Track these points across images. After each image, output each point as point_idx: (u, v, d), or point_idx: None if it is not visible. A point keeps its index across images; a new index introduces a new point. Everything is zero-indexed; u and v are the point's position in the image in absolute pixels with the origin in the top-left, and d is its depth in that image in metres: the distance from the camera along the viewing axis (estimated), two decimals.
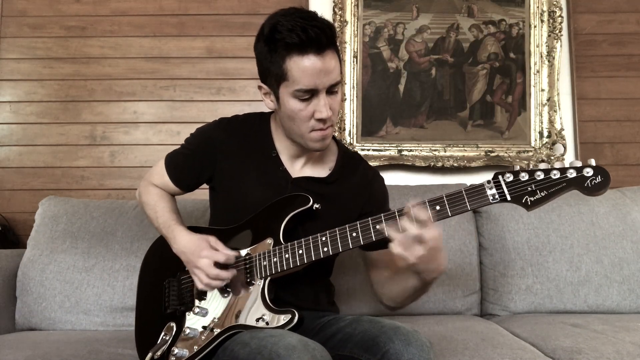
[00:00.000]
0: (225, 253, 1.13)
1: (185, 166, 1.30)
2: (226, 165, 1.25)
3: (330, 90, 1.10)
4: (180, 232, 1.20)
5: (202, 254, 1.12)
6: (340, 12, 2.17)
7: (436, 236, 0.97)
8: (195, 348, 1.11)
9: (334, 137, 1.33)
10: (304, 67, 1.06)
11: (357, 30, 2.19)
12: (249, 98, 2.21)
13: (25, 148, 2.20)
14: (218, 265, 1.12)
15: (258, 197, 1.19)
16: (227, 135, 1.26)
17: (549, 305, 1.68)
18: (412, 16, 2.20)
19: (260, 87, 1.18)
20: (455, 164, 2.12)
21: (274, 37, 1.07)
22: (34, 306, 1.66)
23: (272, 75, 1.11)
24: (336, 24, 2.15)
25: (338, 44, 1.09)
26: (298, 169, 1.25)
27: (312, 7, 2.21)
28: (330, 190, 1.23)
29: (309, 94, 1.09)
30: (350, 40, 2.17)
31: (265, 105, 1.21)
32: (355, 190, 1.26)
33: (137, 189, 1.40)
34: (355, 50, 2.18)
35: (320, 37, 1.05)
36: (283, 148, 1.25)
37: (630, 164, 2.18)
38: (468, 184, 1.00)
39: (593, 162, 0.94)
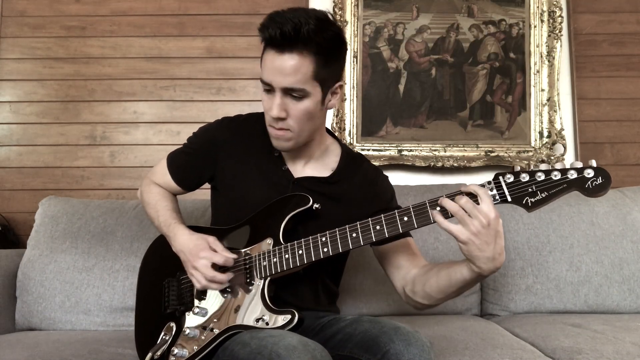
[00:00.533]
0: (223, 255, 1.12)
1: (188, 166, 1.30)
2: (228, 165, 1.25)
3: (290, 93, 1.08)
4: (180, 230, 1.20)
5: (200, 255, 1.12)
6: (340, 12, 2.17)
7: (494, 215, 0.93)
8: (195, 348, 1.11)
9: (337, 139, 1.32)
10: (264, 59, 1.09)
11: (357, 30, 2.19)
12: (249, 98, 2.21)
13: (25, 148, 2.20)
14: (216, 267, 1.12)
15: (260, 197, 1.19)
16: (230, 135, 1.26)
17: (549, 305, 1.68)
18: (412, 16, 2.20)
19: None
20: (455, 164, 2.12)
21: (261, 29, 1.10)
22: (34, 306, 1.66)
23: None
24: None
25: (328, 49, 1.07)
26: (300, 168, 1.25)
27: (312, 7, 2.20)
28: (332, 190, 1.22)
29: (268, 87, 1.10)
30: (350, 40, 2.17)
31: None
32: (359, 190, 1.24)
33: (138, 189, 1.40)
34: (355, 50, 2.18)
35: (278, 37, 1.03)
36: None
37: (630, 164, 2.18)
38: (468, 184, 0.99)
39: (594, 163, 0.93)
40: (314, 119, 1.14)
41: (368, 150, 2.15)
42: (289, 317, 1.05)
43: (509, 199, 0.96)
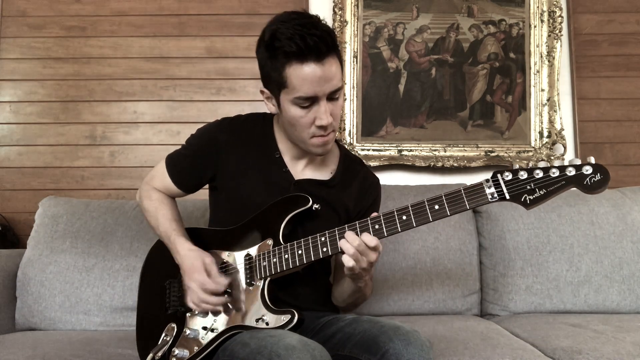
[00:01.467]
0: (216, 282, 1.11)
1: (188, 167, 1.28)
2: (228, 166, 1.24)
3: (331, 96, 1.09)
4: (179, 245, 1.18)
5: (193, 277, 1.12)
6: (340, 12, 2.17)
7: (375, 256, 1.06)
8: (196, 349, 1.11)
9: (336, 140, 1.33)
10: (303, 75, 1.05)
11: (357, 30, 2.19)
12: (249, 98, 2.21)
13: (25, 148, 2.20)
14: (209, 290, 1.11)
15: (260, 198, 1.19)
16: (229, 135, 1.25)
17: (549, 305, 1.68)
18: (412, 16, 2.20)
19: (262, 92, 1.18)
20: (455, 164, 2.12)
21: (273, 45, 1.06)
22: (34, 306, 1.66)
23: (273, 81, 1.11)
24: (336, 24, 2.15)
25: (338, 44, 1.10)
26: (300, 170, 1.25)
27: (312, 7, 2.21)
28: (331, 193, 1.23)
29: (309, 102, 1.08)
30: (350, 40, 2.17)
31: (267, 108, 1.21)
32: (355, 195, 1.26)
33: (137, 190, 1.38)
34: (355, 50, 2.18)
35: (319, 45, 1.03)
36: (286, 149, 1.25)
37: (630, 164, 2.18)
38: (468, 184, 1.00)
39: (592, 159, 0.93)
40: None
41: (368, 150, 2.15)
42: (288, 317, 1.05)
43: (507, 196, 0.96)
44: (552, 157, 2.11)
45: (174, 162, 1.30)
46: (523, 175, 0.96)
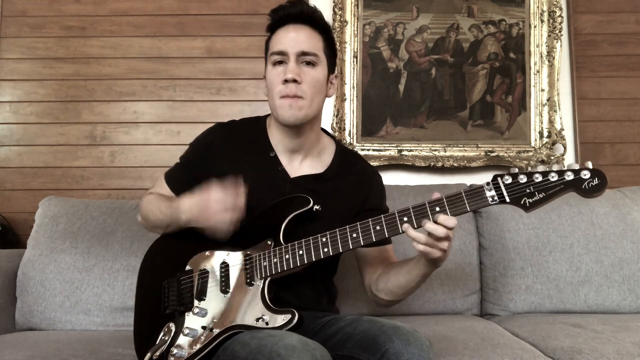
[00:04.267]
0: (232, 194, 1.11)
1: (186, 176, 1.29)
2: (224, 168, 1.25)
3: (304, 60, 1.17)
4: (181, 200, 1.19)
5: (212, 207, 1.11)
6: (340, 12, 2.17)
7: (452, 223, 1.01)
8: (195, 348, 1.11)
9: (332, 137, 1.34)
10: (280, 34, 1.19)
11: (357, 30, 2.19)
12: (249, 98, 2.21)
13: (25, 148, 2.20)
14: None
15: (256, 198, 1.19)
16: (223, 139, 1.27)
17: (549, 305, 1.68)
18: (412, 16, 2.20)
19: (264, 77, 1.25)
20: (455, 164, 2.12)
21: (268, 24, 1.22)
22: (34, 306, 1.66)
23: (265, 55, 1.23)
24: (336, 24, 2.15)
25: (338, 44, 1.16)
26: (296, 166, 1.26)
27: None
28: (327, 187, 1.24)
29: (280, 57, 1.18)
30: (350, 40, 2.17)
31: (263, 93, 1.28)
32: (353, 188, 1.27)
33: (138, 189, 1.39)
34: (355, 50, 2.18)
35: (299, 14, 1.18)
36: (280, 147, 1.26)
37: (630, 164, 2.18)
38: (468, 184, 1.01)
39: (590, 164, 0.96)
40: (322, 92, 1.22)
41: (368, 150, 2.15)
42: (288, 316, 1.05)
43: (507, 199, 0.99)
44: (552, 158, 2.11)
45: (172, 175, 1.32)
46: (523, 178, 0.98)
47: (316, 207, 1.15)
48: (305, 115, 1.19)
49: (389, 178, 2.14)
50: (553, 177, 0.96)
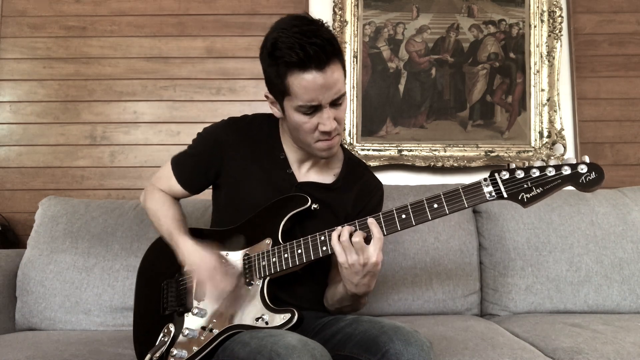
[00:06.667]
0: (225, 280, 1.13)
1: (194, 168, 1.28)
2: (233, 165, 1.24)
3: (335, 102, 1.09)
4: (182, 242, 1.18)
5: (202, 273, 1.13)
6: (340, 12, 2.17)
7: (374, 261, 1.03)
8: (195, 349, 1.11)
9: (340, 145, 1.33)
10: (305, 84, 1.05)
11: (357, 30, 2.19)
12: (249, 98, 2.21)
13: (25, 148, 2.20)
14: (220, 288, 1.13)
15: (262, 199, 1.19)
16: (235, 136, 1.25)
17: (549, 305, 1.68)
18: (412, 16, 2.20)
19: (266, 96, 1.18)
20: (455, 164, 2.12)
21: (275, 54, 1.06)
22: (34, 306, 1.66)
23: (276, 88, 1.11)
24: (336, 24, 2.15)
25: (341, 49, 1.10)
26: (304, 172, 1.25)
27: (312, 7, 2.21)
28: (333, 196, 1.23)
29: (312, 109, 1.08)
30: (350, 40, 2.17)
31: (272, 112, 1.21)
32: (355, 197, 1.26)
33: (138, 189, 1.38)
34: (355, 50, 2.18)
35: (320, 54, 1.03)
36: (290, 151, 1.25)
37: (630, 164, 2.17)
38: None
39: (587, 159, 0.96)
40: None
41: (368, 150, 2.15)
42: (288, 315, 1.05)
43: (505, 195, 0.99)
44: (552, 157, 2.09)
45: (180, 162, 1.30)
46: (520, 174, 0.98)
47: (314, 205, 1.15)
48: (338, 144, 1.19)
49: (389, 178, 2.14)
50: (550, 172, 0.96)
